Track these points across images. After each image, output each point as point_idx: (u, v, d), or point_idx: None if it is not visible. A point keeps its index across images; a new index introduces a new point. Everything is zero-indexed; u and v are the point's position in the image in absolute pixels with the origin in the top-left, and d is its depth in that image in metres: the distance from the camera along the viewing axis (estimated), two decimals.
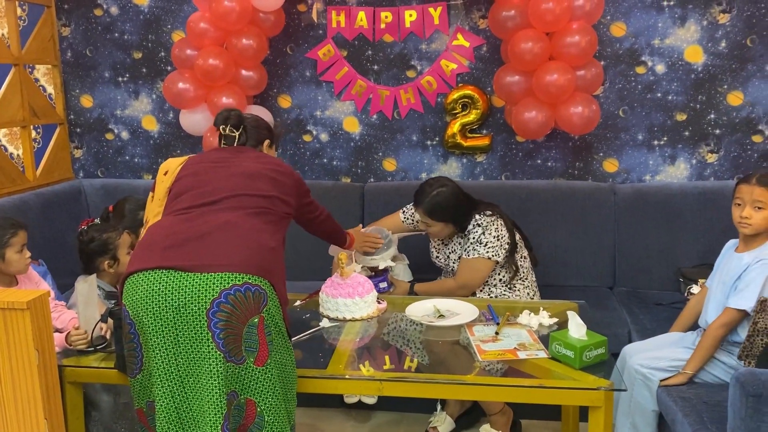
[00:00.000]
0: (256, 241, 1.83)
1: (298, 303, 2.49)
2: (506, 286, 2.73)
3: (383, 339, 2.23)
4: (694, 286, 2.93)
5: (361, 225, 2.94)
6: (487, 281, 2.72)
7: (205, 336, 1.71)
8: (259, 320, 1.75)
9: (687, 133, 3.28)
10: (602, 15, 3.12)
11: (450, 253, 2.82)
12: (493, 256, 2.65)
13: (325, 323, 2.29)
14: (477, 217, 2.69)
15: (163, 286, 1.72)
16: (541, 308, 2.30)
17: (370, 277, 2.76)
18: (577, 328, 1.97)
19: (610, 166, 3.39)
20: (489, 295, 2.73)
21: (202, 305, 1.70)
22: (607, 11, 3.18)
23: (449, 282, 2.75)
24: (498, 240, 2.66)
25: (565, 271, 3.21)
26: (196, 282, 1.71)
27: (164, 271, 1.74)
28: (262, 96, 3.50)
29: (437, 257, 2.90)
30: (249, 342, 1.75)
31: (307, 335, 2.20)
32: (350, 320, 2.30)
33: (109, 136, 3.71)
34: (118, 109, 3.67)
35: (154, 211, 2.05)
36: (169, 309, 1.72)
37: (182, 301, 1.71)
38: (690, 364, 2.14)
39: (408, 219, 2.93)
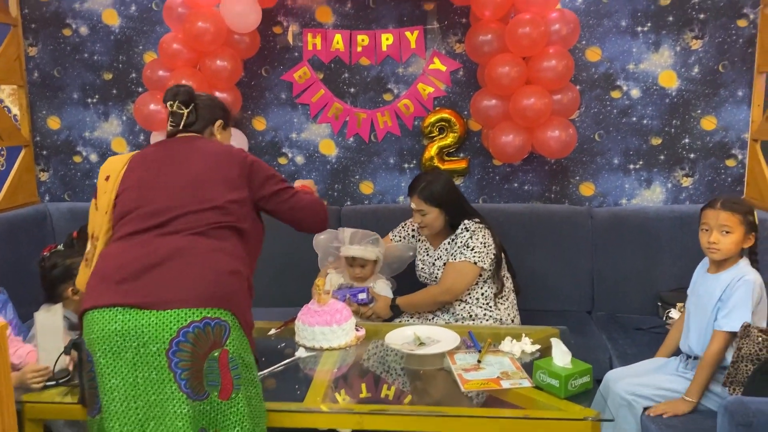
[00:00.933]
0: (212, 268, 1.73)
1: (272, 331, 2.41)
2: (490, 302, 2.69)
3: (362, 368, 2.15)
4: (672, 310, 2.92)
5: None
6: (469, 296, 2.68)
7: (166, 377, 1.63)
8: (221, 353, 1.68)
9: (662, 157, 3.30)
10: (578, 40, 3.14)
11: (435, 260, 2.78)
12: (479, 261, 2.62)
13: (301, 353, 2.21)
14: (466, 221, 2.68)
15: (119, 325, 1.64)
16: (523, 334, 2.26)
17: (350, 287, 2.71)
18: (561, 356, 1.93)
19: (587, 189, 3.38)
20: (470, 314, 2.68)
21: (161, 345, 1.62)
22: (582, 36, 3.20)
23: (432, 288, 2.72)
24: (485, 247, 2.64)
25: (543, 295, 3.18)
26: (153, 321, 1.63)
27: (120, 309, 1.65)
28: (236, 118, 3.44)
29: (422, 269, 2.84)
30: (210, 376, 1.67)
31: (282, 366, 2.13)
32: (327, 349, 2.23)
33: (77, 159, 3.60)
34: (86, 131, 3.57)
35: (99, 225, 1.90)
36: (128, 349, 1.64)
37: (140, 341, 1.63)
38: (693, 392, 2.08)
39: (396, 236, 2.91)
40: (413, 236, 2.90)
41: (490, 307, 2.70)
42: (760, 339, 1.98)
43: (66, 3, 3.45)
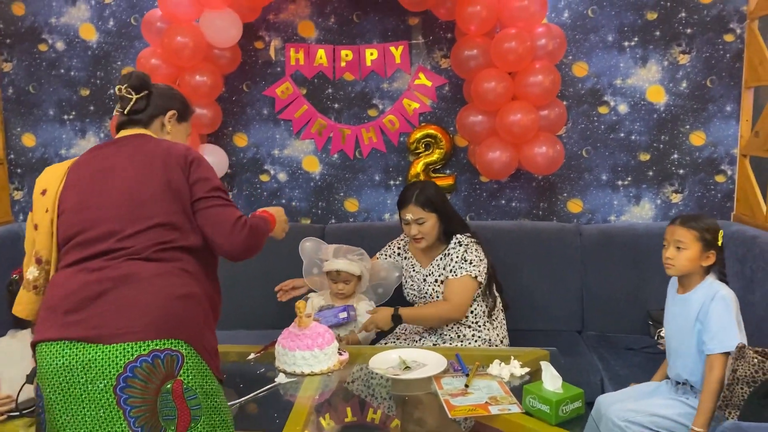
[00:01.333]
0: (160, 294, 1.60)
1: (252, 356, 2.31)
2: (479, 321, 2.61)
3: (346, 393, 2.07)
4: (663, 329, 2.85)
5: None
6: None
7: (115, 415, 1.52)
8: (174, 385, 1.57)
9: (651, 173, 3.26)
10: (565, 55, 3.10)
11: (426, 276, 2.68)
12: (478, 275, 2.55)
13: (281, 378, 2.12)
14: (458, 236, 2.62)
15: (66, 360, 1.53)
16: (512, 357, 2.18)
17: (331, 307, 2.63)
18: (552, 380, 1.86)
19: (575, 206, 3.33)
20: (458, 335, 2.60)
21: (108, 382, 1.52)
22: (569, 51, 3.17)
23: (441, 304, 2.59)
24: (480, 261, 2.57)
25: (532, 314, 3.11)
26: (100, 355, 1.52)
27: (67, 342, 1.54)
28: (217, 134, 3.36)
29: (411, 285, 2.75)
30: (165, 410, 1.56)
31: (262, 392, 2.03)
32: (309, 375, 2.14)
33: None
34: (63, 148, 3.47)
35: (46, 247, 1.74)
36: (75, 386, 1.53)
37: (88, 377, 1.52)
38: (700, 423, 2.00)
39: (383, 256, 2.84)
40: (399, 254, 2.82)
41: (479, 326, 2.62)
42: (755, 360, 1.91)
43: (42, 18, 3.37)
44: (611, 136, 3.25)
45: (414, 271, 2.75)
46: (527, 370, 2.14)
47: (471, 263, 2.55)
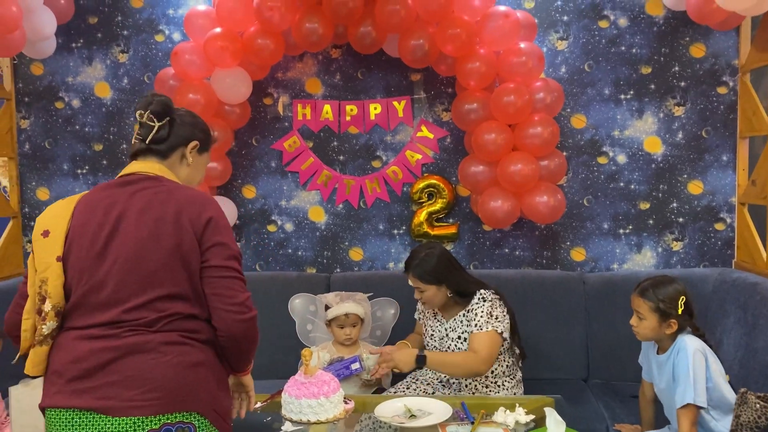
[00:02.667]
0: (170, 364, 1.54)
1: (258, 405, 2.32)
2: (498, 380, 2.62)
3: None
4: None
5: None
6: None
7: None
8: None
9: (651, 222, 3.31)
10: (563, 108, 3.20)
11: (449, 331, 2.67)
12: (504, 330, 2.55)
13: (287, 427, 2.14)
14: (482, 291, 2.61)
15: (77, 430, 1.51)
16: (517, 404, 2.19)
17: (341, 359, 2.65)
18: (556, 426, 1.87)
19: (578, 254, 3.37)
20: (476, 393, 2.61)
21: None
22: (567, 104, 3.27)
23: (470, 355, 2.51)
24: (504, 317, 2.58)
25: (537, 363, 3.11)
26: (110, 428, 1.49)
27: (77, 411, 1.51)
28: (226, 186, 3.45)
29: (432, 336, 2.73)
30: None
31: None
32: (315, 423, 2.14)
33: None
34: None
35: (56, 297, 1.61)
36: None
37: None
38: None
39: (419, 315, 2.86)
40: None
41: (498, 385, 2.62)
42: (758, 406, 1.92)
43: (59, 77, 3.51)
44: (611, 185, 3.32)
45: (436, 320, 2.74)
46: (532, 417, 2.14)
47: (497, 319, 2.55)
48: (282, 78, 3.43)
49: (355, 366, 2.60)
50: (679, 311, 2.14)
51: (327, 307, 2.81)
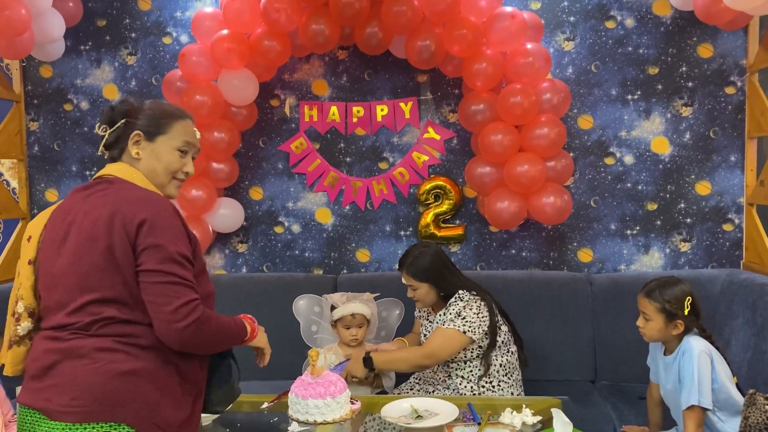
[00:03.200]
0: (99, 371, 1.48)
1: (265, 405, 2.33)
2: (494, 381, 2.62)
3: None
4: None
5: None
6: (471, 374, 2.61)
7: None
8: None
9: (659, 223, 3.30)
10: (569, 108, 3.19)
11: (433, 327, 2.72)
12: (468, 331, 2.55)
13: (294, 427, 2.14)
14: (461, 292, 2.63)
15: (27, 428, 1.53)
16: (524, 405, 2.19)
17: (340, 363, 2.65)
18: (563, 428, 1.87)
19: (585, 255, 3.36)
20: (472, 393, 2.60)
21: None
22: (574, 105, 3.26)
23: (415, 350, 2.64)
24: (478, 317, 2.57)
25: (544, 364, 3.11)
26: (46, 430, 1.48)
27: (29, 410, 1.52)
28: (233, 188, 3.46)
29: (425, 335, 2.78)
30: None
31: None
32: (321, 423, 2.15)
33: None
34: None
35: (32, 302, 1.63)
36: None
37: None
38: None
39: (418, 314, 2.88)
40: None
41: (493, 386, 2.62)
42: (767, 407, 1.91)
43: (68, 79, 3.54)
44: (618, 186, 3.31)
45: (428, 320, 2.79)
46: (539, 418, 2.14)
47: (464, 319, 2.56)
48: (288, 79, 3.44)
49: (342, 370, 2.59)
50: (686, 312, 2.13)
51: (333, 308, 2.81)
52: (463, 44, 2.89)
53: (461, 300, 2.62)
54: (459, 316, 2.57)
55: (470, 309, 2.58)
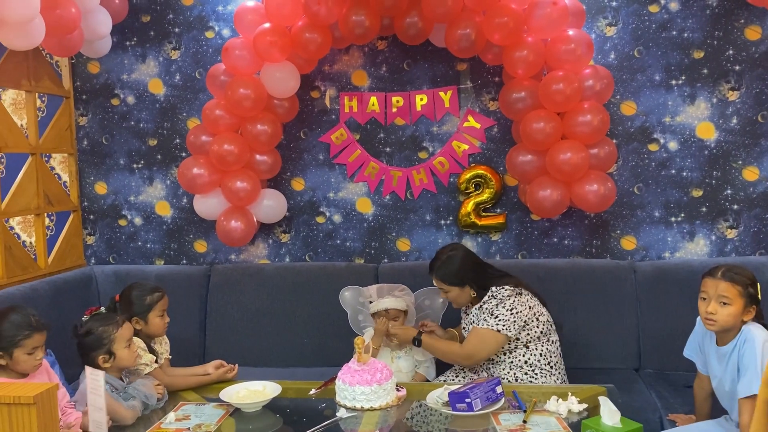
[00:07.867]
0: None
1: (312, 392, 2.39)
2: (536, 369, 2.62)
3: (405, 429, 2.11)
4: None
5: None
6: (511, 363, 2.62)
7: None
8: None
9: (704, 209, 3.24)
10: (612, 95, 3.15)
11: (470, 325, 2.73)
12: (503, 329, 2.55)
13: (341, 413, 2.18)
14: (494, 289, 2.62)
15: None
16: (570, 393, 2.19)
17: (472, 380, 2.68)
18: (610, 415, 1.87)
19: (628, 243, 3.33)
20: (514, 380, 2.61)
21: None
22: (617, 91, 3.22)
23: (456, 348, 2.66)
24: (512, 314, 2.57)
25: (588, 353, 3.10)
26: None
27: None
28: (276, 179, 3.52)
29: (464, 328, 2.79)
30: None
31: (322, 427, 2.10)
32: (368, 410, 2.19)
33: (122, 222, 3.71)
34: (131, 195, 3.69)
35: None
36: None
37: None
38: None
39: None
40: None
41: (536, 374, 2.62)
42: None
43: (115, 75, 3.63)
44: (662, 172, 3.26)
45: (466, 313, 2.81)
46: (585, 406, 2.15)
47: (496, 318, 2.56)
48: (329, 71, 3.47)
49: (499, 389, 2.28)
50: (759, 297, 2.09)
51: (371, 301, 2.88)
52: (504, 32, 2.88)
53: (494, 298, 2.61)
54: (492, 315, 2.57)
55: (503, 306, 2.58)
